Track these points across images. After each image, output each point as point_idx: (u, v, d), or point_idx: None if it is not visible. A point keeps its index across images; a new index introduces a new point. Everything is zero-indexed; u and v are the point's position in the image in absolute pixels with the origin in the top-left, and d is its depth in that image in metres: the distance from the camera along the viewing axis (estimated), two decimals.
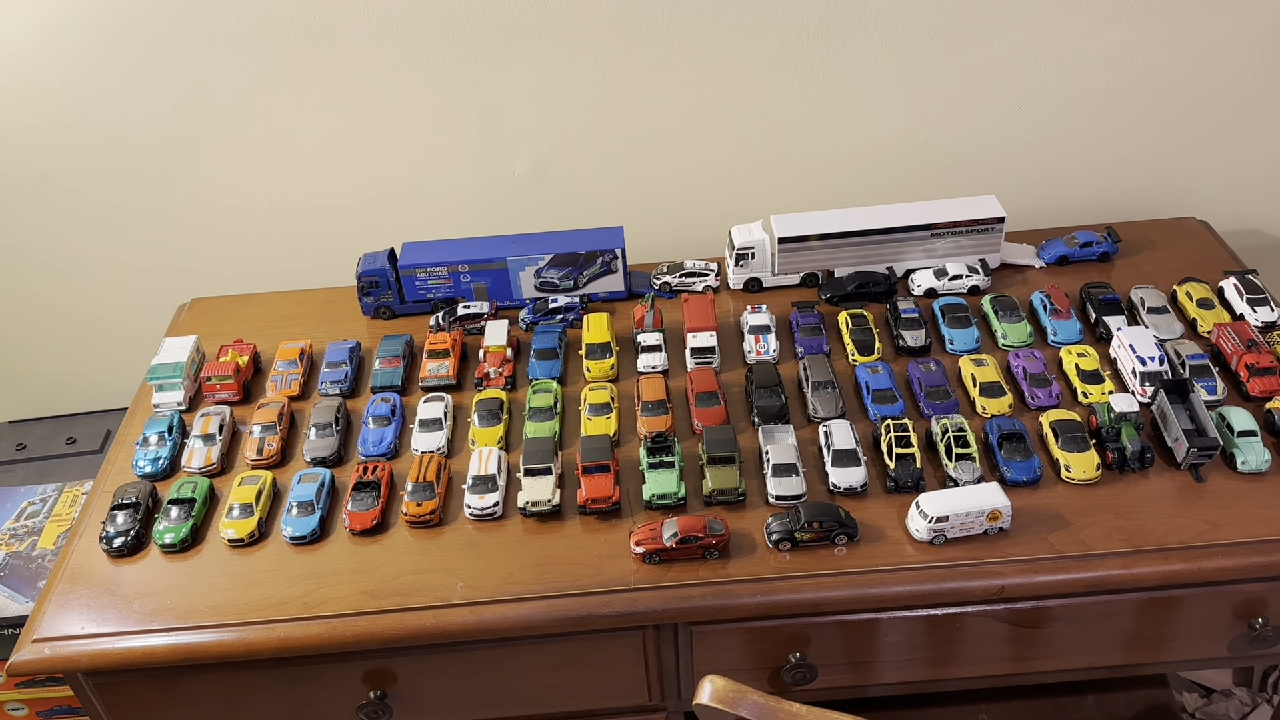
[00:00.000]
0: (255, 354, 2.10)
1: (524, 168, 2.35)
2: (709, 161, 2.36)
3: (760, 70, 2.23)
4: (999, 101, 2.30)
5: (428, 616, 1.58)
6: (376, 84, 2.23)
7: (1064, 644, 1.70)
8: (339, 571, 1.66)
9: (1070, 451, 1.72)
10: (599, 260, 2.15)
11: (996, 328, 2.02)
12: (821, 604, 1.59)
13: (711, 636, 1.65)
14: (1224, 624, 1.69)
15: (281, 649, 1.58)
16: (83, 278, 2.48)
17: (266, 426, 1.89)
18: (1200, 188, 2.43)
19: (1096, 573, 1.58)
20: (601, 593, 1.59)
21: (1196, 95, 2.30)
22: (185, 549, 1.72)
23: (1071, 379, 1.89)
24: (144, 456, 1.87)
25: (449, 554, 1.67)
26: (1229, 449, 1.72)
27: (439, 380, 1.99)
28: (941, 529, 1.60)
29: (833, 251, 2.16)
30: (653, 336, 2.03)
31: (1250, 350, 1.88)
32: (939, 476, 1.73)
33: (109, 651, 1.58)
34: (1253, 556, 1.58)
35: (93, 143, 2.28)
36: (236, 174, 2.34)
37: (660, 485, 1.71)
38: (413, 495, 1.73)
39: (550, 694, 1.72)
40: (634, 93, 2.25)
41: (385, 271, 2.13)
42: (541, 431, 1.85)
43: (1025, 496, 1.69)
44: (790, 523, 1.62)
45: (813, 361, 1.93)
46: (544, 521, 1.72)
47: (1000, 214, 2.13)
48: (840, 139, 2.33)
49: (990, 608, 1.64)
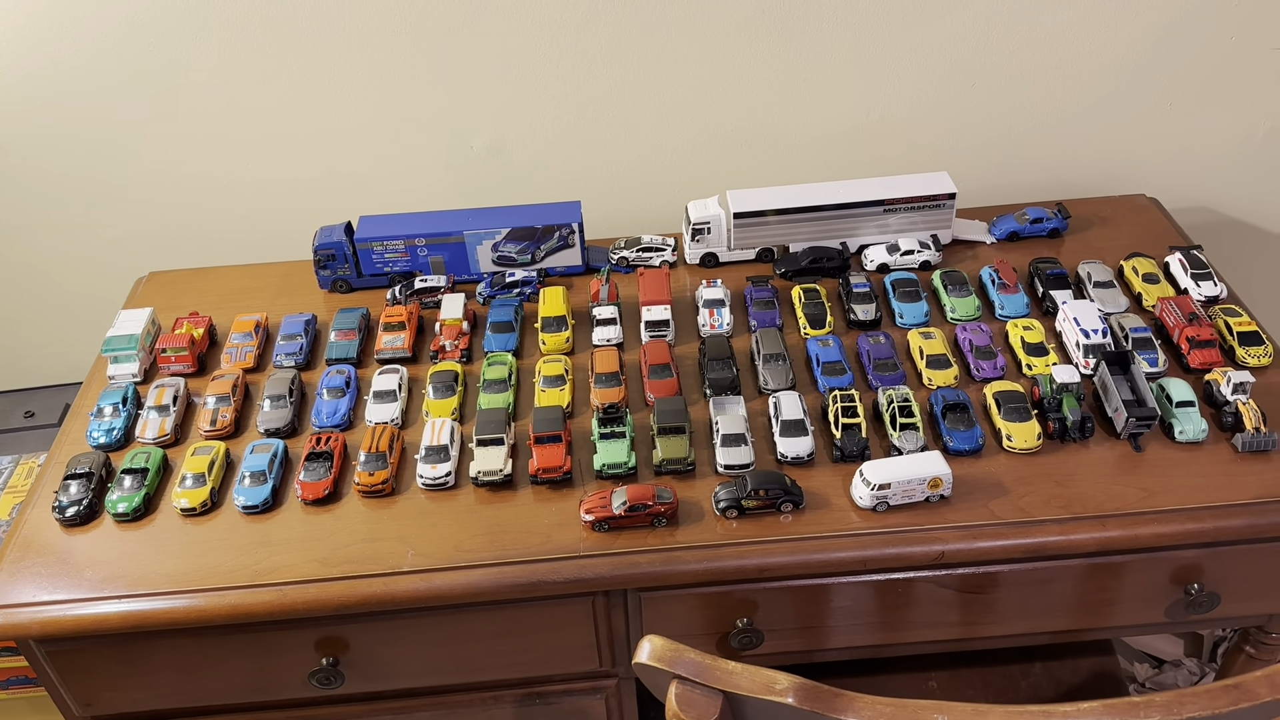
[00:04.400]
0: (211, 326, 2.10)
1: (482, 142, 2.35)
2: (667, 137, 2.37)
3: (717, 46, 2.25)
4: (952, 79, 2.32)
5: (378, 584, 1.60)
6: (335, 57, 2.22)
7: (1007, 610, 1.74)
8: (290, 540, 1.67)
9: (1012, 421, 1.75)
10: (556, 235, 2.16)
11: (945, 302, 2.05)
12: (767, 569, 1.62)
13: (660, 603, 1.68)
14: (1161, 590, 1.73)
15: (233, 616, 1.59)
16: (40, 250, 2.47)
17: (220, 398, 1.89)
18: (1150, 165, 2.46)
19: (1035, 539, 1.61)
20: (551, 559, 1.61)
21: (1147, 73, 2.34)
22: (138, 518, 1.72)
23: (1017, 351, 1.92)
24: (98, 427, 1.88)
25: (401, 523, 1.69)
26: (1167, 419, 1.76)
27: (394, 353, 2.00)
28: (884, 496, 1.63)
29: (788, 227, 2.18)
30: (608, 310, 2.05)
31: (1191, 324, 1.91)
32: (884, 446, 1.76)
33: (61, 619, 1.59)
34: (1188, 523, 1.62)
35: (48, 113, 2.26)
36: (193, 146, 2.33)
37: (611, 455, 1.73)
38: (365, 465, 1.74)
39: (502, 660, 1.75)
40: (593, 67, 2.26)
41: (341, 245, 2.14)
42: (495, 403, 1.87)
43: (967, 465, 1.72)
44: (737, 491, 1.65)
45: (765, 335, 1.95)
46: (496, 491, 1.74)
47: (952, 190, 2.16)
48: (796, 115, 2.35)
49: (933, 573, 1.67)
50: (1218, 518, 1.63)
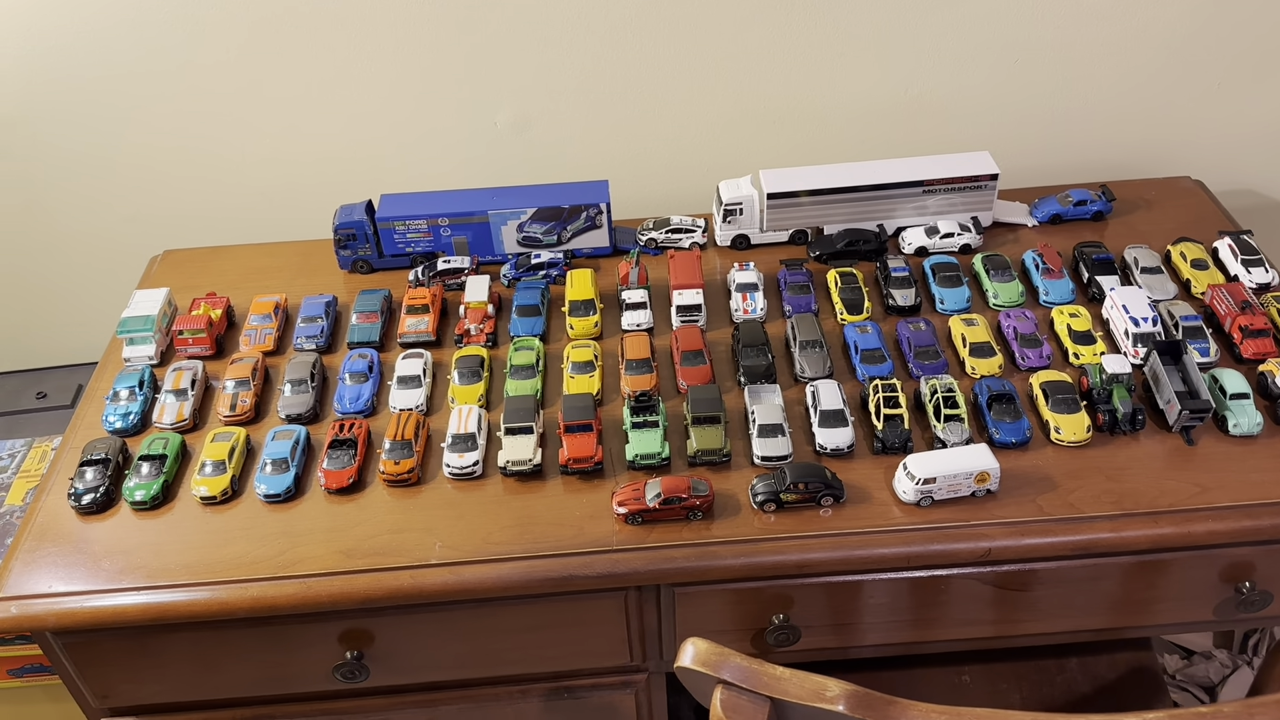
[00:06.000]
0: (229, 307, 2.04)
1: (507, 118, 2.28)
2: (697, 114, 2.30)
3: (750, 18, 2.17)
4: (994, 55, 2.24)
5: (405, 576, 1.55)
6: (355, 30, 2.15)
7: (1049, 607, 1.69)
8: (314, 530, 1.62)
9: (1060, 413, 1.69)
10: (583, 215, 2.09)
11: (988, 287, 1.98)
12: (806, 565, 1.56)
13: (694, 598, 1.63)
14: (1211, 587, 1.68)
15: (255, 609, 1.54)
16: (52, 228, 2.41)
17: (240, 382, 1.84)
18: (1196, 146, 2.38)
19: (1084, 535, 1.55)
20: (583, 553, 1.56)
21: (1195, 51, 2.26)
22: (156, 506, 1.68)
23: (1063, 339, 1.86)
24: (114, 412, 1.82)
25: (427, 513, 1.64)
26: (1221, 411, 1.69)
27: (418, 336, 1.94)
28: (929, 490, 1.57)
29: (822, 208, 2.11)
30: (637, 294, 1.98)
31: (1244, 312, 1.85)
32: (927, 438, 1.70)
33: (77, 610, 1.54)
34: (1242, 520, 1.56)
35: (60, 88, 2.20)
36: (209, 121, 2.27)
37: (644, 445, 1.68)
38: (390, 453, 1.68)
39: (530, 654, 1.70)
40: (620, 40, 2.19)
41: (362, 224, 2.08)
42: (523, 390, 1.81)
43: (1014, 458, 1.66)
44: (775, 484, 1.59)
45: (800, 320, 1.89)
46: (525, 481, 1.68)
47: (994, 171, 2.09)
48: (832, 92, 2.27)
49: (976, 570, 1.62)
50: (1275, 515, 1.57)
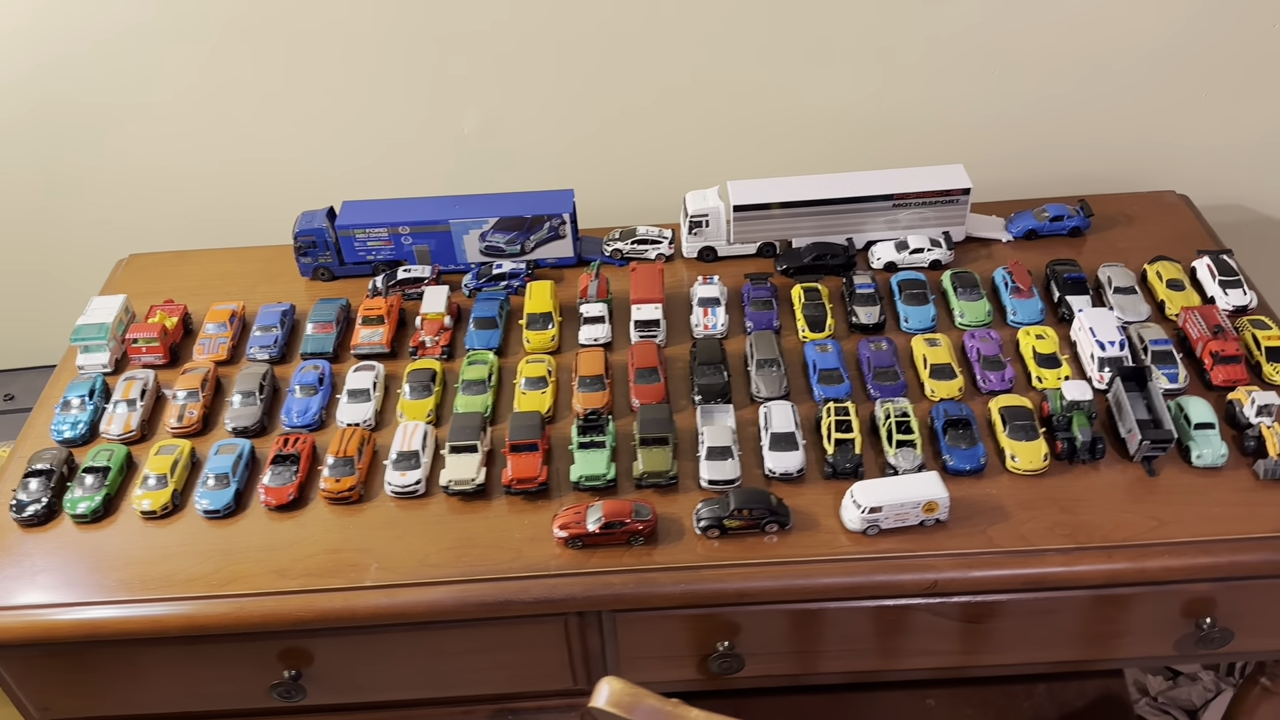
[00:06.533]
0: (186, 315, 2.02)
1: (473, 125, 2.25)
2: (665, 123, 2.26)
3: (721, 25, 2.12)
4: (971, 65, 2.18)
5: (338, 598, 1.52)
6: (320, 34, 2.12)
7: (1007, 639, 1.65)
8: (251, 548, 1.60)
9: (1018, 439, 1.64)
10: (546, 225, 2.06)
11: (954, 305, 1.93)
12: (747, 594, 1.53)
13: (636, 623, 1.60)
14: (1171, 623, 1.63)
15: (188, 628, 1.53)
16: (22, 231, 2.40)
17: (190, 393, 1.82)
18: (1180, 160, 2.32)
19: (1035, 569, 1.51)
20: (520, 578, 1.53)
21: (1179, 62, 2.19)
22: (97, 519, 1.66)
23: (1028, 362, 1.81)
24: (63, 421, 1.81)
25: (366, 533, 1.61)
26: (1185, 441, 1.64)
27: (371, 348, 1.92)
28: (875, 519, 1.53)
29: (791, 220, 2.07)
30: (596, 307, 1.95)
31: (1216, 337, 1.79)
32: (880, 463, 1.66)
33: (12, 625, 1.53)
34: (1199, 557, 1.52)
35: (30, 96, 2.19)
36: (178, 126, 2.25)
37: (589, 466, 1.65)
38: (332, 470, 1.66)
39: (472, 677, 1.67)
40: (588, 46, 2.15)
41: (323, 231, 2.05)
42: (472, 406, 1.78)
43: (967, 486, 1.62)
44: (720, 509, 1.56)
45: (759, 338, 1.85)
46: (468, 501, 1.66)
47: (966, 185, 2.04)
48: (802, 102, 2.23)
49: (927, 601, 1.58)
50: (1233, 551, 1.52)
